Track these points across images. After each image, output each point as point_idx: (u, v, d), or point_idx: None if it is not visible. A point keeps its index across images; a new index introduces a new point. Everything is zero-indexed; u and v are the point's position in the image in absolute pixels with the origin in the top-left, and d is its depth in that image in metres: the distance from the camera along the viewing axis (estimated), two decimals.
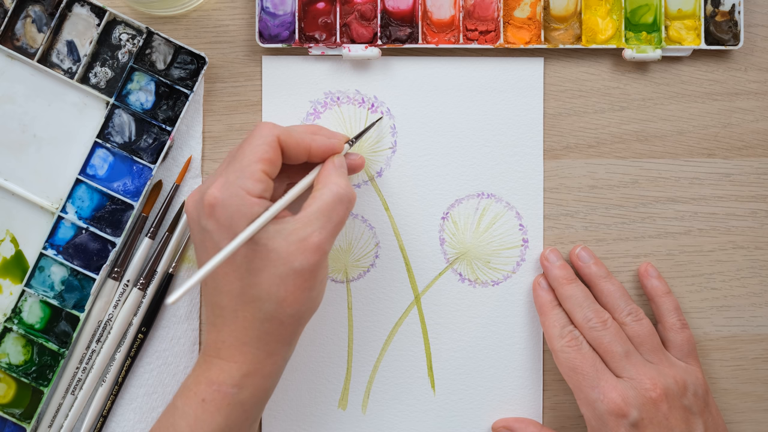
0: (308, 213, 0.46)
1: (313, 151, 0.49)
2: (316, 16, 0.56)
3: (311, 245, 0.46)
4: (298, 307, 0.47)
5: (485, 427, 0.57)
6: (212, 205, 0.46)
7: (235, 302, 0.47)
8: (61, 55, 0.55)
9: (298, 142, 0.48)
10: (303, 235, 0.46)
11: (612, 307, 0.54)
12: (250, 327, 0.47)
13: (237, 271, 0.46)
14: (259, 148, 0.47)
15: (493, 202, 0.57)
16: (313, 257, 0.46)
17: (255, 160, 0.46)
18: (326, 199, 0.47)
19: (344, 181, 0.48)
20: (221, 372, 0.47)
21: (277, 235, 0.46)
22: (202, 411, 0.47)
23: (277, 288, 0.46)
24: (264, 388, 0.48)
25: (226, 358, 0.47)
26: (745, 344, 0.58)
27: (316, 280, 0.47)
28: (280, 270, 0.45)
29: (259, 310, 0.46)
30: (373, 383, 0.57)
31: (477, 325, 0.57)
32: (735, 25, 0.56)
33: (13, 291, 0.56)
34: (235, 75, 0.56)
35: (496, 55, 0.57)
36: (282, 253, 0.45)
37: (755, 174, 0.57)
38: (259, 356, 0.47)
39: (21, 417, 0.55)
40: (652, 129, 0.57)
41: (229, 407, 0.47)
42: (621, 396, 0.51)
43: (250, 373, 0.47)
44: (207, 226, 0.46)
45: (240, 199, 0.45)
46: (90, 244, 0.55)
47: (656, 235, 0.57)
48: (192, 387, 0.47)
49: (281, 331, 0.47)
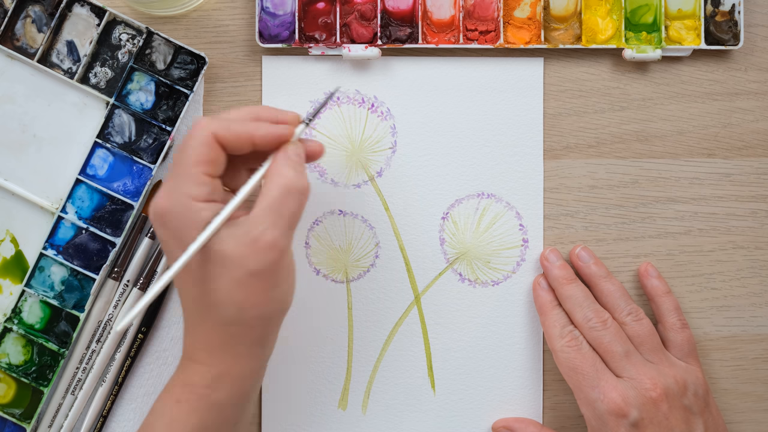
0: (258, 211, 0.44)
1: (257, 142, 0.46)
2: (316, 16, 0.56)
3: (264, 245, 0.44)
4: (262, 308, 0.45)
5: (485, 427, 0.57)
6: (161, 215, 0.44)
7: (197, 308, 0.46)
8: (61, 55, 0.55)
9: (237, 136, 0.45)
10: (255, 235, 0.44)
11: (612, 307, 0.54)
12: (215, 331, 0.46)
13: (193, 279, 0.45)
14: (196, 150, 0.44)
15: (493, 202, 0.57)
16: (268, 257, 0.44)
17: (193, 163, 0.44)
18: (274, 194, 0.44)
19: (292, 173, 0.45)
20: (194, 374, 0.46)
21: (230, 238, 0.44)
22: (177, 411, 0.46)
23: (235, 292, 0.44)
24: (240, 389, 0.47)
25: (198, 360, 0.46)
26: (745, 344, 0.58)
27: (277, 278, 0.45)
28: (235, 274, 0.44)
29: (219, 315, 0.45)
30: (373, 383, 0.57)
31: (477, 325, 0.57)
32: (735, 25, 0.56)
33: (13, 291, 0.56)
34: (235, 75, 0.56)
35: (496, 55, 0.57)
36: (236, 256, 0.44)
37: (755, 174, 0.57)
38: (226, 359, 0.46)
39: (21, 417, 0.55)
40: (652, 129, 0.57)
41: (204, 408, 0.46)
42: (621, 396, 0.51)
43: (221, 375, 0.46)
44: (161, 234, 0.45)
45: (186, 207, 0.44)
46: (90, 244, 0.55)
47: (656, 235, 0.57)
48: (169, 389, 0.47)
49: (249, 333, 0.46)
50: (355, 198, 0.57)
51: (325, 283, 0.57)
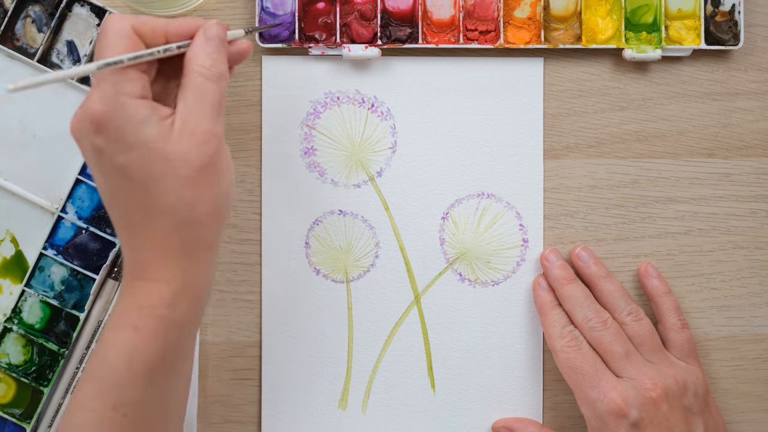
0: (185, 105, 0.43)
1: (170, 34, 0.45)
2: (316, 16, 0.56)
3: (201, 136, 0.43)
4: (212, 203, 0.44)
5: (485, 427, 0.57)
6: (97, 120, 0.42)
7: (146, 215, 0.43)
8: (61, 55, 0.55)
9: (153, 28, 0.44)
10: (190, 128, 0.43)
11: (612, 307, 0.54)
12: (170, 237, 0.43)
13: (138, 184, 0.43)
14: (120, 43, 0.43)
15: (493, 202, 0.57)
16: (208, 147, 0.43)
17: (117, 55, 0.43)
18: (195, 82, 0.44)
19: (208, 59, 0.44)
20: (150, 294, 0.43)
21: (168, 136, 0.43)
22: (137, 339, 0.43)
23: (184, 191, 0.43)
24: (198, 300, 0.45)
25: (152, 278, 0.43)
26: (745, 344, 0.58)
27: (220, 169, 0.44)
28: (182, 171, 0.42)
29: (174, 218, 0.43)
30: (373, 383, 0.57)
31: (477, 325, 0.57)
32: (735, 25, 0.56)
33: (13, 291, 0.56)
34: (235, 75, 0.56)
35: (496, 55, 0.57)
36: (178, 153, 0.43)
37: (755, 174, 0.57)
38: (186, 267, 0.44)
39: (21, 417, 0.55)
40: (652, 129, 0.57)
41: (165, 331, 0.43)
42: (621, 396, 0.51)
43: (182, 289, 0.44)
44: (96, 143, 0.43)
45: (123, 106, 0.42)
46: (90, 244, 0.55)
47: (656, 235, 0.57)
48: (121, 316, 0.44)
49: (204, 235, 0.44)
50: (355, 198, 0.57)
51: (325, 283, 0.57)
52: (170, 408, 0.46)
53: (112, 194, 0.44)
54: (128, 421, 0.43)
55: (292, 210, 0.57)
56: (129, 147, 0.42)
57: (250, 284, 0.57)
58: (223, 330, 0.57)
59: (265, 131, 0.56)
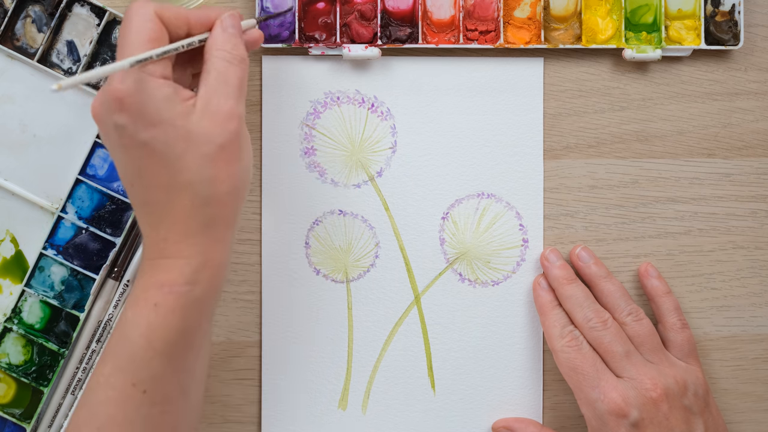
0: (208, 86, 0.45)
1: (192, 22, 0.47)
2: (316, 16, 0.56)
3: (224, 115, 0.44)
4: (233, 181, 0.45)
5: (485, 427, 0.57)
6: (120, 98, 0.43)
7: (168, 193, 0.44)
8: (61, 55, 0.55)
9: (176, 14, 0.46)
10: (213, 107, 0.44)
11: (612, 307, 0.54)
12: (191, 215, 0.44)
13: (161, 161, 0.44)
14: (144, 26, 0.44)
15: (493, 202, 0.57)
16: (230, 126, 0.44)
17: (144, 41, 0.44)
18: (218, 66, 0.45)
19: (229, 44, 0.46)
20: (170, 272, 0.44)
21: (190, 114, 0.44)
22: (156, 316, 0.43)
23: (206, 167, 0.44)
24: (217, 278, 0.45)
25: (172, 255, 0.44)
26: (745, 344, 0.58)
27: (241, 149, 0.45)
28: (204, 149, 0.44)
29: (195, 194, 0.44)
30: (373, 383, 0.57)
31: (477, 325, 0.57)
32: (735, 25, 0.56)
33: (13, 291, 0.56)
34: None
35: (496, 55, 0.57)
36: (201, 130, 0.44)
37: (755, 174, 0.58)
38: (206, 245, 0.44)
39: (21, 417, 0.55)
40: (652, 129, 0.57)
41: (184, 307, 0.44)
42: (621, 396, 0.51)
43: (201, 266, 0.44)
44: (119, 120, 0.44)
45: (144, 83, 0.43)
46: (90, 244, 0.55)
47: (656, 235, 0.57)
48: (140, 294, 0.44)
49: (224, 213, 0.45)
50: (355, 198, 0.57)
51: (325, 283, 0.57)
52: (189, 386, 0.46)
53: (133, 173, 0.45)
54: (147, 397, 0.44)
55: (292, 210, 0.57)
56: (152, 123, 0.43)
57: (250, 284, 0.57)
58: (223, 330, 0.57)
59: (265, 131, 0.56)
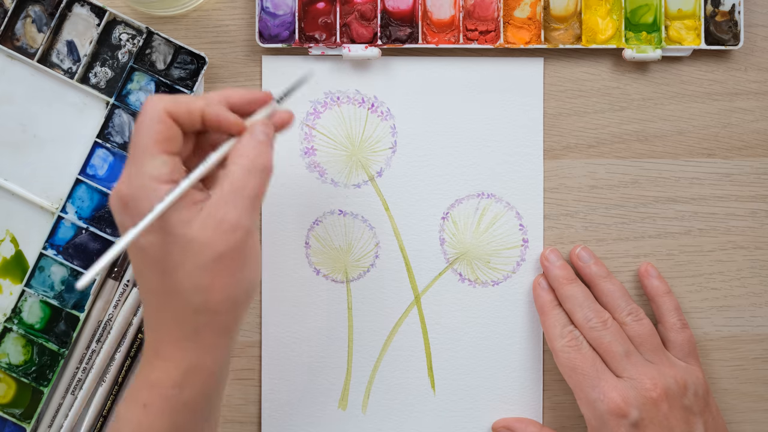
0: (220, 193, 0.43)
1: (207, 120, 0.45)
2: (316, 16, 0.56)
3: (228, 226, 0.43)
4: (229, 292, 0.44)
5: (485, 427, 0.57)
6: (123, 201, 0.43)
7: (162, 299, 0.44)
8: (61, 55, 0.55)
9: (189, 110, 0.44)
10: (219, 217, 0.43)
11: (612, 306, 0.54)
12: (182, 322, 0.44)
13: (157, 267, 0.44)
14: (151, 128, 0.43)
15: (493, 202, 0.57)
16: (233, 237, 0.43)
17: (151, 143, 0.43)
18: (236, 174, 0.44)
19: (254, 152, 0.44)
20: (160, 373, 0.44)
21: (193, 222, 0.43)
22: (145, 417, 0.43)
23: (201, 277, 0.43)
24: (209, 383, 0.45)
25: (163, 357, 0.44)
26: (745, 344, 0.58)
27: (243, 260, 0.44)
28: (201, 259, 0.42)
29: (187, 303, 0.43)
30: (373, 383, 0.57)
31: (477, 325, 0.57)
32: (735, 25, 0.56)
33: (13, 291, 0.56)
34: (235, 75, 0.56)
35: (496, 55, 0.57)
36: (200, 240, 0.43)
37: (755, 174, 0.57)
38: (197, 351, 0.44)
39: (21, 417, 0.55)
40: (652, 129, 0.57)
41: (173, 410, 0.44)
42: (621, 396, 0.51)
43: (191, 370, 0.44)
44: (124, 221, 0.44)
45: (147, 189, 0.43)
46: (90, 244, 0.55)
47: (656, 235, 0.57)
48: (134, 393, 0.45)
49: (217, 321, 0.44)
50: (355, 198, 0.57)
51: (325, 283, 0.57)
52: None
53: (135, 271, 0.45)
54: None
55: (292, 210, 0.57)
56: (151, 229, 0.43)
57: None
58: None
59: None
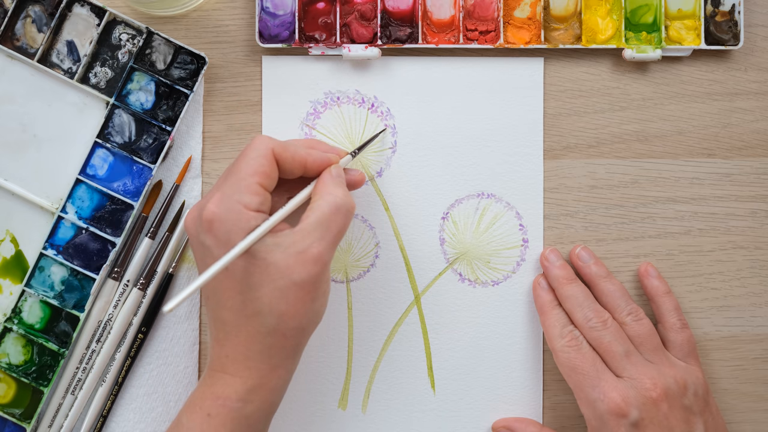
0: (306, 225, 0.46)
1: (309, 165, 0.49)
2: (316, 16, 0.56)
3: (310, 257, 0.46)
4: (300, 319, 0.47)
5: (485, 427, 0.57)
6: (210, 220, 0.46)
7: (237, 317, 0.47)
8: (61, 55, 0.55)
9: (293, 156, 0.48)
10: (302, 247, 0.46)
11: (612, 306, 0.54)
12: (253, 341, 0.47)
13: (237, 286, 0.46)
14: (255, 161, 0.47)
15: (493, 202, 0.57)
16: (313, 269, 0.46)
17: (251, 173, 0.47)
18: (324, 209, 0.47)
19: (342, 191, 0.48)
20: (226, 387, 0.47)
21: (276, 248, 0.46)
22: (208, 425, 0.47)
23: (278, 302, 0.46)
24: (269, 401, 0.48)
25: (231, 372, 0.47)
26: (745, 344, 0.58)
27: (317, 291, 0.47)
28: (279, 283, 0.46)
29: (261, 324, 0.46)
30: (373, 383, 0.57)
31: (477, 325, 0.57)
32: (735, 25, 0.56)
33: (13, 291, 0.56)
34: (235, 75, 0.57)
35: (496, 55, 0.57)
36: (281, 266, 0.45)
37: (755, 174, 0.58)
38: (263, 370, 0.47)
39: (21, 417, 0.55)
40: (652, 129, 0.57)
41: (234, 422, 0.47)
42: (621, 396, 0.51)
43: (255, 388, 0.47)
44: (206, 241, 0.46)
45: (237, 214, 0.46)
46: (90, 244, 0.55)
47: (656, 235, 0.57)
48: (197, 402, 0.48)
49: (285, 344, 0.47)
50: (355, 198, 0.57)
51: None
52: None
53: (210, 290, 0.48)
54: None
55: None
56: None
57: None
58: None
59: (265, 131, 0.56)
